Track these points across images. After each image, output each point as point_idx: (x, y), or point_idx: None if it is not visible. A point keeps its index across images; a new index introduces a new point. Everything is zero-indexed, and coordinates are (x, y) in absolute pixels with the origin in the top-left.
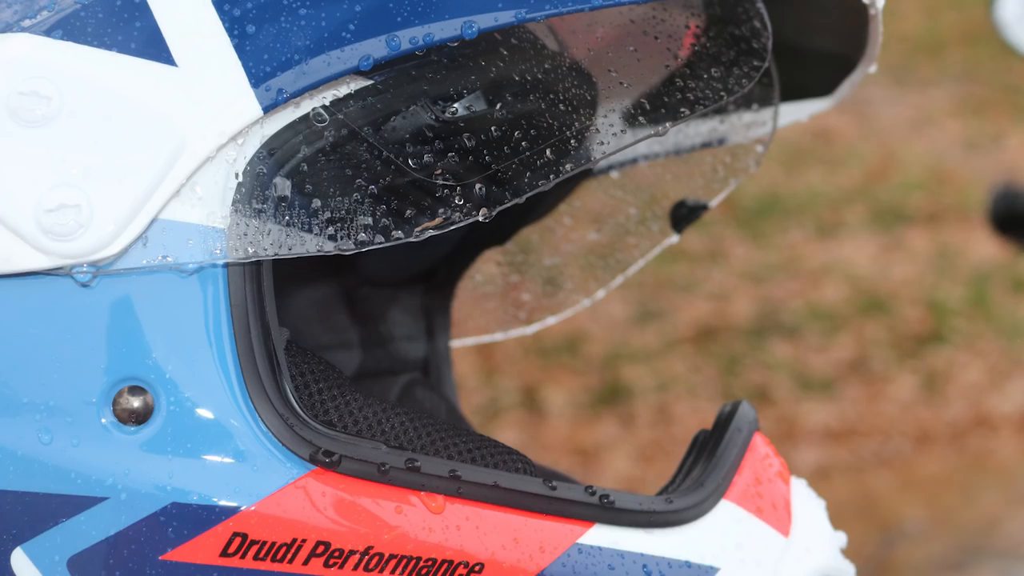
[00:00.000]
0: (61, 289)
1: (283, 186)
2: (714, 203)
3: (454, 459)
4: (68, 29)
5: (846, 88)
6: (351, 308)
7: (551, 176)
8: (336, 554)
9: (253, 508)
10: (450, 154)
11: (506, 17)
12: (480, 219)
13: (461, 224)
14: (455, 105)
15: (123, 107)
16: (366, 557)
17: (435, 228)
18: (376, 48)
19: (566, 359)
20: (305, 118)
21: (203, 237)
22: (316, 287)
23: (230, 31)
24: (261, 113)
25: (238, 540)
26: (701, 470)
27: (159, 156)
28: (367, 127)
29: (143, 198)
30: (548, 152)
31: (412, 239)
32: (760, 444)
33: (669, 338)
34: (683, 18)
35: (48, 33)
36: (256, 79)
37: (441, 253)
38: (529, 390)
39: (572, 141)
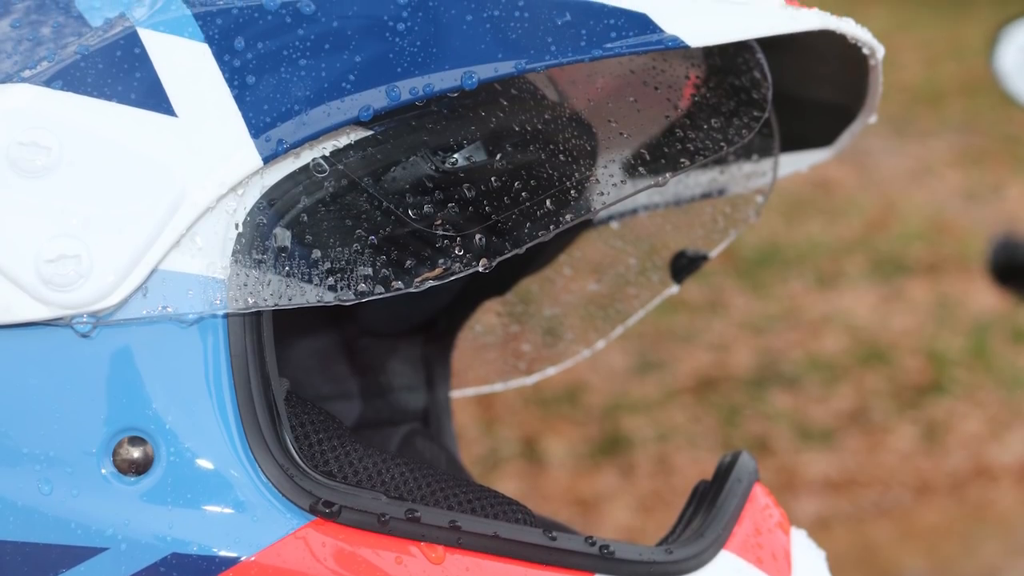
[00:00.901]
0: (61, 339)
1: (283, 237)
2: (714, 253)
3: (454, 509)
4: (68, 79)
5: (846, 138)
6: (351, 358)
7: (551, 226)
8: None
9: (253, 559)
10: (450, 204)
11: (506, 68)
12: (480, 270)
13: (461, 275)
14: (455, 156)
15: (123, 157)
16: None
17: (435, 279)
18: (376, 99)
19: (566, 409)
20: (305, 168)
21: (203, 287)
22: (316, 337)
23: (230, 81)
24: (261, 163)
25: None
26: (701, 520)
27: (159, 206)
28: (367, 178)
29: (143, 248)
30: (548, 203)
31: (412, 290)
32: (760, 494)
33: (669, 388)
34: (683, 69)
35: (48, 83)
36: (256, 129)
37: (441, 303)
38: (529, 440)
39: (572, 192)
